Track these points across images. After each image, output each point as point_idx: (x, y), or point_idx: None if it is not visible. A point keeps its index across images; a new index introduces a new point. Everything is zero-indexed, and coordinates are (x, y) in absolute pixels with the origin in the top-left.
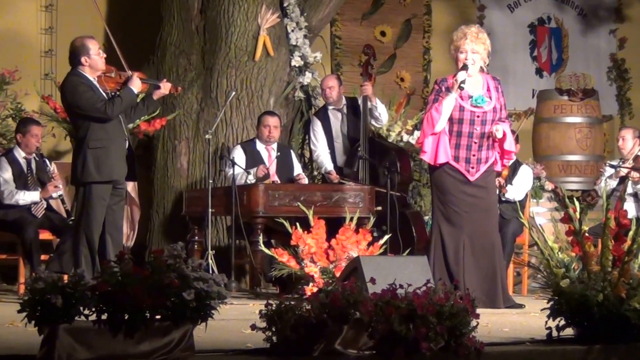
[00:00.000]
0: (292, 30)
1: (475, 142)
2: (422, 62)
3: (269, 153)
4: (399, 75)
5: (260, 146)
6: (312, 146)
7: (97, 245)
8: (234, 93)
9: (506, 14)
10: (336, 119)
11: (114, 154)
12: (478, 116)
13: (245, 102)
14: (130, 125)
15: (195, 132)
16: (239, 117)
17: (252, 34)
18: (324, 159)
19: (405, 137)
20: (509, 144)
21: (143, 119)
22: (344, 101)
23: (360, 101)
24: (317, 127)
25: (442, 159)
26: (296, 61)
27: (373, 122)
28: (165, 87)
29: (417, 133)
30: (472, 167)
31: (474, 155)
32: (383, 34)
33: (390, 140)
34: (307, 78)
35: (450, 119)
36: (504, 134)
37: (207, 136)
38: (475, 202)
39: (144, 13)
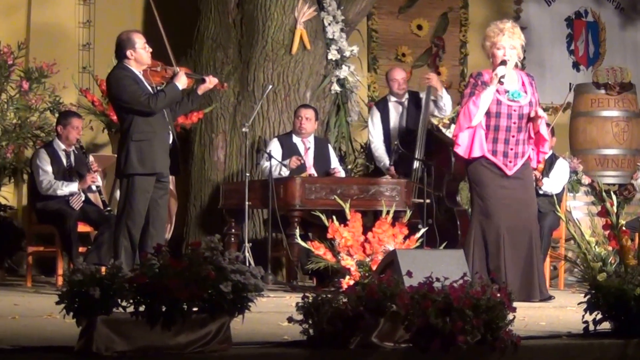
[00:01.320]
0: (329, 24)
1: (513, 136)
2: (459, 55)
3: (305, 146)
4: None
5: (296, 139)
6: (370, 137)
7: (139, 238)
8: (270, 86)
9: (543, 8)
10: (396, 112)
11: (158, 146)
12: (515, 110)
13: (282, 96)
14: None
15: (232, 125)
16: (276, 110)
17: (289, 28)
18: (382, 152)
19: (442, 131)
20: (544, 129)
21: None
22: (406, 95)
23: (422, 94)
24: (376, 118)
25: (476, 153)
26: (333, 55)
27: (436, 113)
28: (210, 82)
29: (453, 127)
30: (510, 161)
31: (511, 149)
32: (420, 27)
33: None
34: (343, 71)
35: (488, 113)
36: (540, 117)
37: (244, 129)
38: (513, 195)
39: (182, 6)
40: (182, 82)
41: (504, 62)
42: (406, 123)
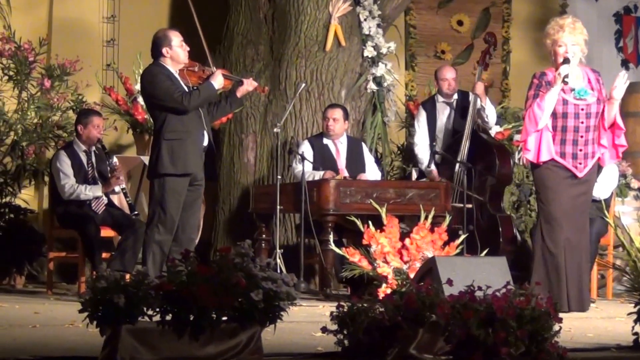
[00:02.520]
0: (365, 19)
1: (582, 137)
2: (501, 52)
3: (336, 147)
4: (476, 67)
5: (327, 140)
6: (414, 137)
7: (170, 242)
8: (303, 85)
9: (590, 3)
10: (443, 113)
11: (191, 147)
12: (582, 109)
13: (315, 95)
14: None
15: (262, 126)
16: (309, 110)
17: (323, 23)
18: (424, 154)
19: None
20: (619, 118)
21: None
22: (455, 95)
23: (471, 97)
24: (422, 117)
25: (545, 157)
26: (369, 51)
27: (480, 122)
28: (248, 84)
29: (496, 127)
30: (580, 163)
31: (580, 150)
32: (460, 23)
33: None
34: (380, 69)
35: (554, 114)
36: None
37: (275, 130)
38: (579, 199)
39: (211, 1)
40: (218, 81)
41: (566, 60)
42: (453, 125)
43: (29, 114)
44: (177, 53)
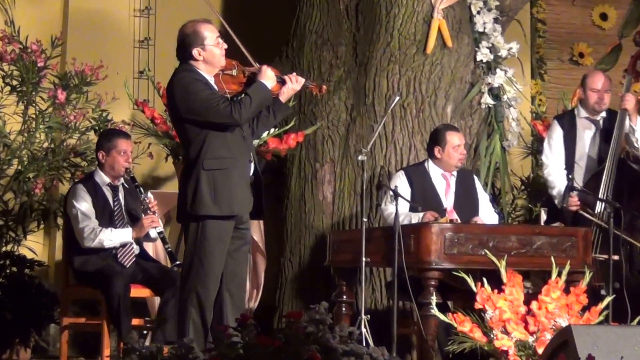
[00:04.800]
0: (478, 12)
1: None
2: None
3: (446, 181)
4: (625, 76)
5: (434, 172)
6: (544, 158)
7: (212, 306)
8: (398, 98)
9: None
10: (585, 133)
11: (238, 179)
12: None
13: (413, 111)
14: (256, 142)
15: (343, 152)
16: (404, 131)
17: (423, 17)
18: (557, 179)
19: None
20: None
21: (272, 132)
22: (603, 112)
23: (618, 115)
24: (557, 135)
25: None
26: (483, 54)
27: (628, 148)
28: (294, 81)
29: None
30: None
31: None
32: (604, 17)
33: None
34: (498, 78)
35: None
36: None
37: (360, 157)
38: None
39: None
40: (269, 78)
41: None
42: (598, 149)
43: (37, 136)
44: (212, 54)
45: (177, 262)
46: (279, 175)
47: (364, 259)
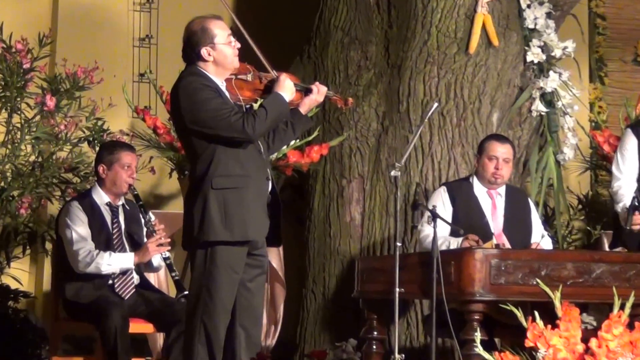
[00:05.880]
0: (529, 6)
1: None
2: None
3: (492, 200)
4: None
5: (479, 189)
6: (614, 170)
7: (223, 343)
8: (436, 105)
9: None
10: None
11: (252, 200)
12: None
13: (454, 120)
14: (273, 156)
15: (374, 167)
16: (443, 142)
17: (465, 12)
18: (628, 194)
19: None
20: None
21: (292, 144)
22: None
23: None
24: (631, 146)
25: None
26: (534, 55)
27: None
28: (317, 92)
29: None
30: None
31: None
32: None
33: None
34: (551, 81)
35: None
36: None
37: (393, 173)
38: None
39: None
40: (287, 89)
41: None
42: None
43: (22, 148)
44: (223, 54)
45: (185, 292)
46: (301, 193)
47: (397, 289)
